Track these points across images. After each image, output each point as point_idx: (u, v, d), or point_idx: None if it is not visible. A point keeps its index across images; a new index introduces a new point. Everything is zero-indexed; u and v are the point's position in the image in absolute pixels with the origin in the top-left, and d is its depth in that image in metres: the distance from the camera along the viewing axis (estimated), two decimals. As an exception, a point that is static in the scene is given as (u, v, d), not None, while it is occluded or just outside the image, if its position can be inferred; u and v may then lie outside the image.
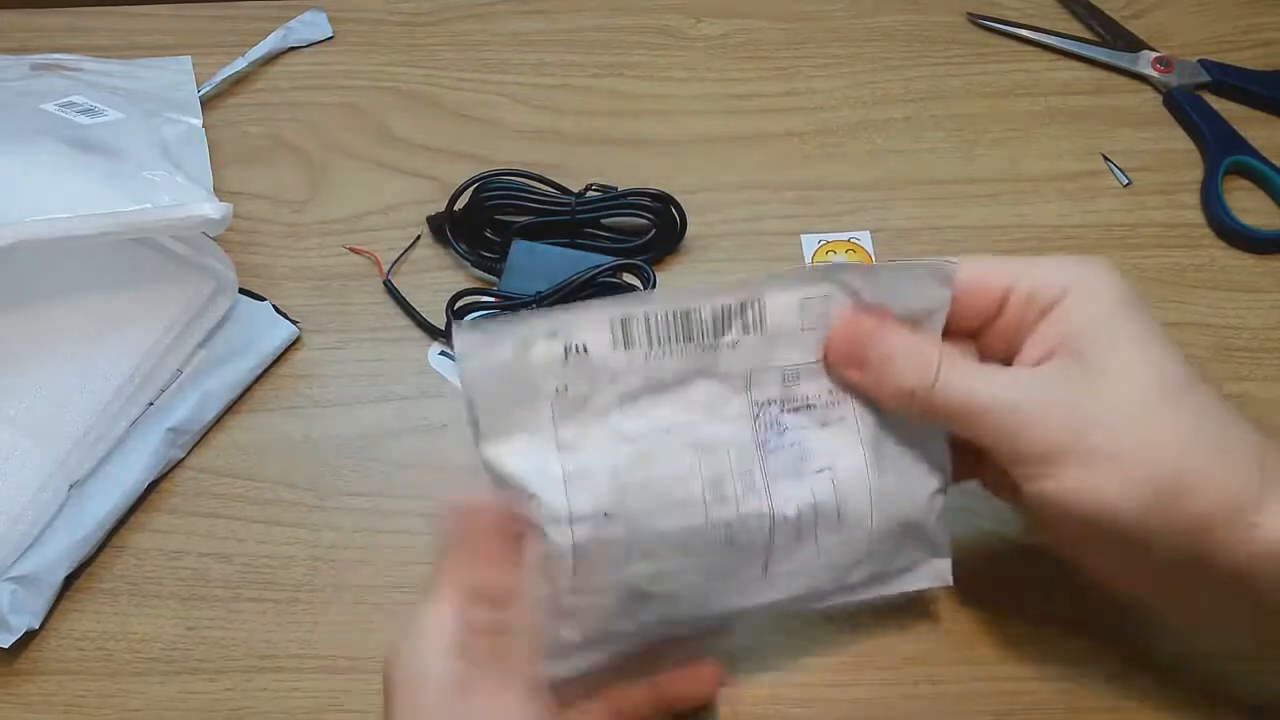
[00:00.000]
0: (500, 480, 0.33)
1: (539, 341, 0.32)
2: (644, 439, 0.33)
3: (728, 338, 0.34)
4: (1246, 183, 0.55)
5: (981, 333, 0.36)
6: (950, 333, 0.36)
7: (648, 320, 0.33)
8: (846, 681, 0.41)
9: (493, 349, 0.32)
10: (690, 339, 0.34)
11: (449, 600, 0.32)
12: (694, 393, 0.34)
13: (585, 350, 0.33)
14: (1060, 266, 0.35)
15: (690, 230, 0.53)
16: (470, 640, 0.32)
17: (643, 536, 0.33)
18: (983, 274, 0.35)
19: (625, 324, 0.33)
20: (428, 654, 0.32)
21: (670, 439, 0.34)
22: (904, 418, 0.36)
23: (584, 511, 0.33)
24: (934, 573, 0.39)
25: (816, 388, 0.36)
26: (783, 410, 0.35)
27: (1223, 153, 0.55)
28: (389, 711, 0.32)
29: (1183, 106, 0.57)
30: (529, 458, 0.33)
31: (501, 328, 0.32)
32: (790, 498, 0.35)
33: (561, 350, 0.33)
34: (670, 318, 0.33)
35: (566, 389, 0.33)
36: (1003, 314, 0.35)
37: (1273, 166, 0.55)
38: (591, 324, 0.33)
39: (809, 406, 0.35)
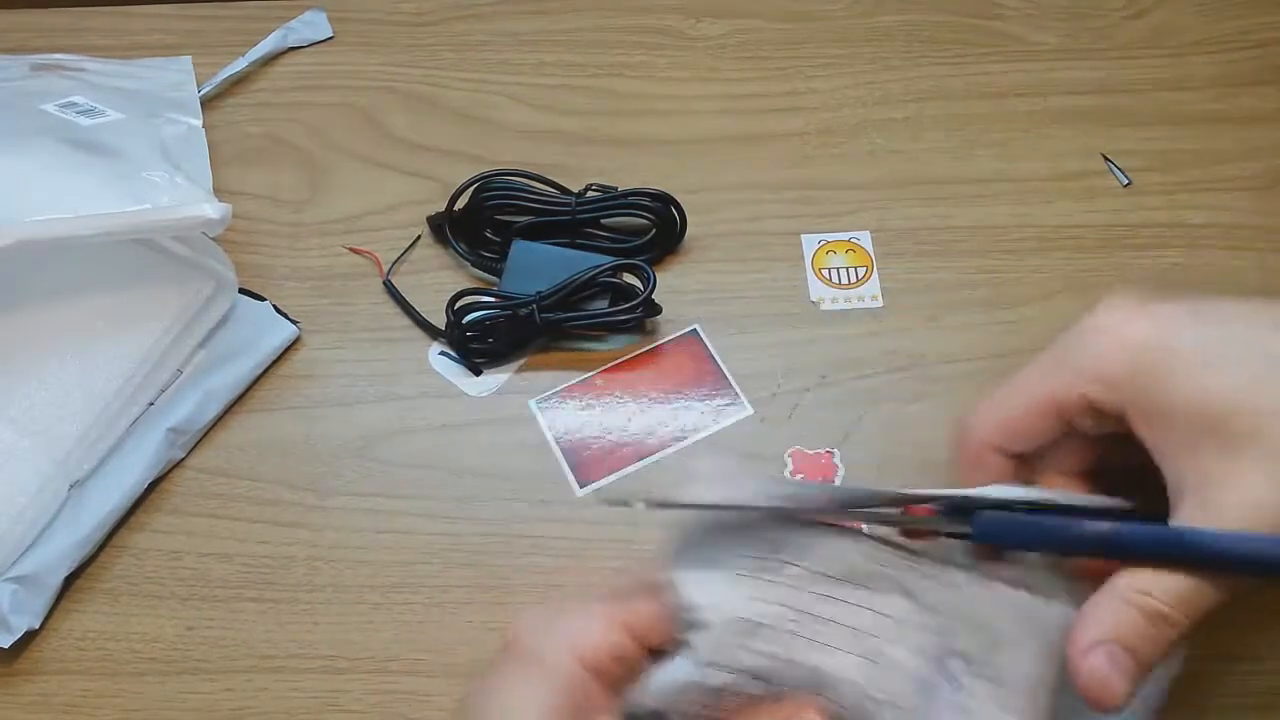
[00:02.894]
0: (680, 600, 0.32)
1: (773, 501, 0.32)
2: (824, 625, 0.32)
3: (952, 576, 0.33)
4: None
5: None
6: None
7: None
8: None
9: (732, 488, 0.32)
10: (917, 561, 0.33)
11: (610, 619, 0.32)
12: (892, 606, 0.33)
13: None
14: (1107, 371, 0.33)
15: (690, 230, 0.53)
16: (607, 664, 0.31)
17: None
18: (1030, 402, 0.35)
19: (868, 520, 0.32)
20: (566, 654, 0.31)
21: (847, 637, 0.32)
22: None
23: (741, 666, 0.32)
24: None
25: (1017, 669, 0.32)
26: (967, 668, 0.32)
27: None
28: (498, 683, 0.31)
29: None
30: (715, 594, 0.32)
31: (749, 478, 0.32)
32: None
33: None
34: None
35: (776, 549, 0.32)
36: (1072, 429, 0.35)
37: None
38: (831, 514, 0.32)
39: (998, 681, 0.32)
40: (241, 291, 0.51)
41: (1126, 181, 0.56)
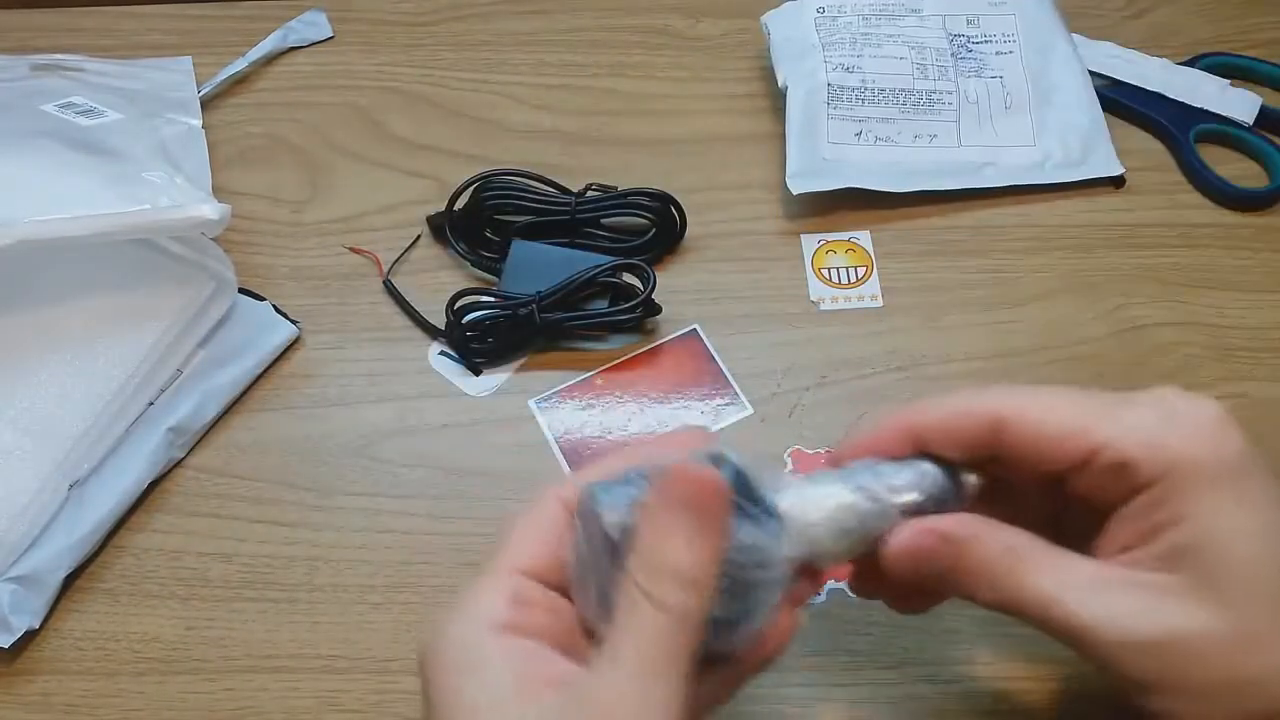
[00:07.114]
0: None
1: None
2: None
3: None
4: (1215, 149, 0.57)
5: (1054, 483, 0.33)
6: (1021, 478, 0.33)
7: None
8: (846, 682, 0.41)
9: None
10: None
11: (502, 574, 0.30)
12: None
13: None
14: (1159, 435, 0.31)
15: (690, 230, 0.53)
16: (523, 616, 0.29)
17: None
18: (1063, 429, 0.31)
19: None
20: (481, 629, 0.28)
21: None
22: None
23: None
24: None
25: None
26: None
27: (1188, 124, 0.57)
28: (437, 700, 0.28)
29: (1121, 100, 0.58)
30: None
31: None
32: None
33: None
34: None
35: None
36: (1083, 473, 0.32)
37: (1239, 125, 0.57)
38: None
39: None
40: (241, 291, 0.51)
41: (1126, 181, 0.56)
